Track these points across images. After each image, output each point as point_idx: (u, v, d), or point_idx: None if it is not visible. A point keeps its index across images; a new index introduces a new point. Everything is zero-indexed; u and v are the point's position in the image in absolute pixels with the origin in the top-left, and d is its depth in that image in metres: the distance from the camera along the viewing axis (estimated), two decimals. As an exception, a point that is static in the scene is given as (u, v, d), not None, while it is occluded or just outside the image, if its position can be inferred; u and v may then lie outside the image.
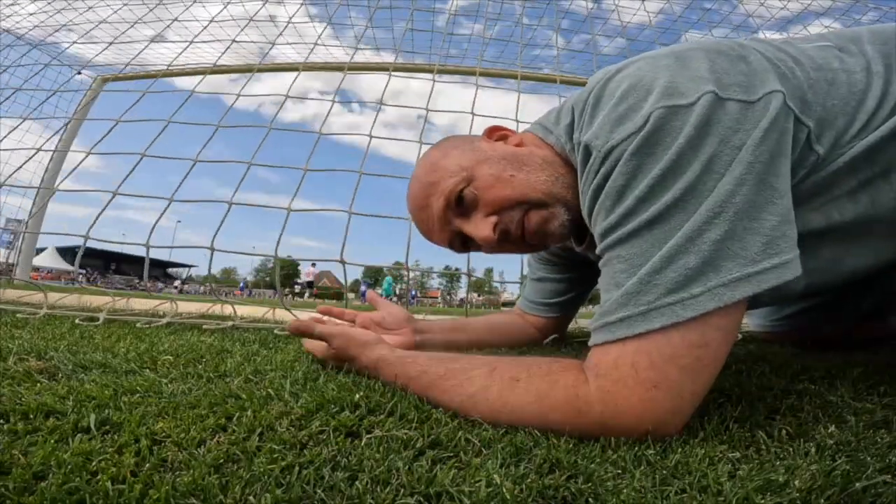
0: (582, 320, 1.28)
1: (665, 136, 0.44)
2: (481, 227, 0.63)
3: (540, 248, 0.71)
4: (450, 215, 0.66)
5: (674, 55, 0.50)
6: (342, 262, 1.34)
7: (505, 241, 0.65)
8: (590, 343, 0.46)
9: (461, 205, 0.64)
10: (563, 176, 0.63)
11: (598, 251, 0.49)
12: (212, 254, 1.31)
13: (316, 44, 2.90)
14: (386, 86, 2.04)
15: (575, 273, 0.96)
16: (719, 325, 0.42)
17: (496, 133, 0.72)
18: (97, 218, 1.39)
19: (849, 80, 0.51)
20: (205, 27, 2.49)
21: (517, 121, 1.74)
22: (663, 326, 0.41)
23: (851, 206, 0.51)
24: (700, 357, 0.41)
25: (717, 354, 0.42)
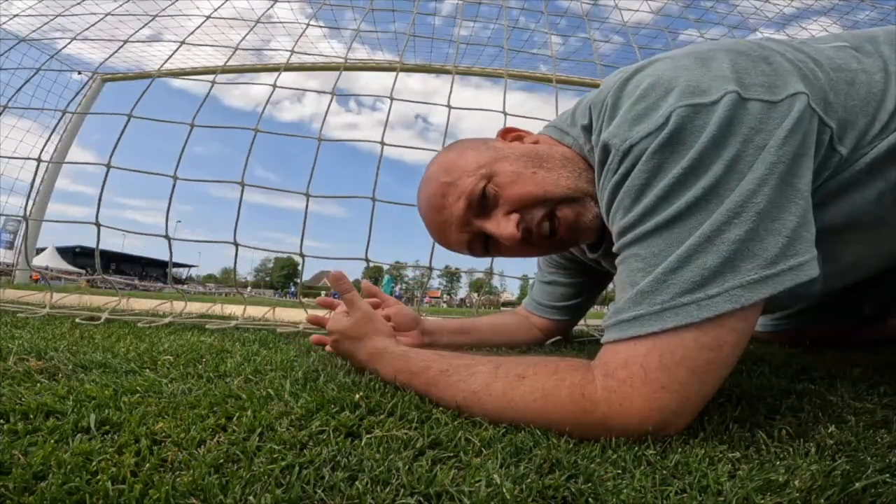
0: (590, 321, 1.28)
1: (687, 134, 0.43)
2: (503, 225, 0.61)
3: (570, 245, 0.69)
4: (470, 216, 0.63)
5: (693, 55, 0.49)
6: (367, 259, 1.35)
7: (527, 241, 0.63)
8: (602, 341, 0.46)
9: (482, 204, 0.62)
10: (585, 171, 0.62)
11: (615, 249, 0.48)
12: (238, 258, 1.31)
13: (348, 52, 2.89)
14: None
15: (584, 278, 0.96)
16: (734, 327, 0.41)
17: (511, 134, 0.71)
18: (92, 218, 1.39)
19: (868, 81, 0.50)
20: (204, 21, 2.47)
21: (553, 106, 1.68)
22: (677, 326, 0.40)
23: (874, 208, 0.51)
24: (712, 360, 0.41)
25: (729, 357, 0.42)
